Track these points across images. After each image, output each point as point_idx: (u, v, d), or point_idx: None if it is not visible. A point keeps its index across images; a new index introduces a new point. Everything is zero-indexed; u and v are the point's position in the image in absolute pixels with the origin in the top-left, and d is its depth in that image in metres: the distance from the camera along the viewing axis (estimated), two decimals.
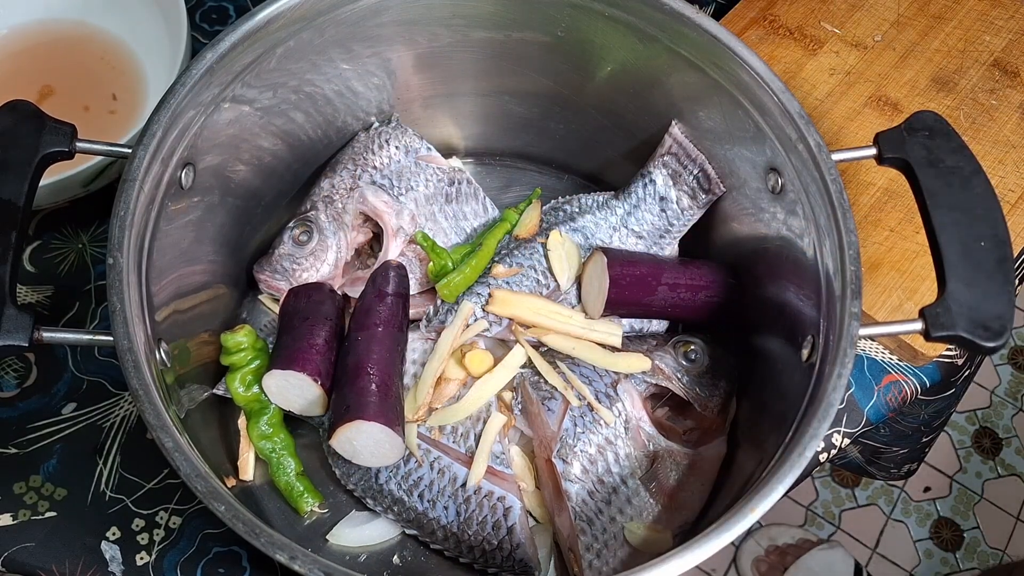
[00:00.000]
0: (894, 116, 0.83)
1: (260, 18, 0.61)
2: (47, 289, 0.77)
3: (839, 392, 0.51)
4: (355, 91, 0.73)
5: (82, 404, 0.73)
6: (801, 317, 0.59)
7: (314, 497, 0.68)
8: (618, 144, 0.77)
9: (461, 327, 0.69)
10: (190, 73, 0.59)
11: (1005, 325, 0.53)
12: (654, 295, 0.69)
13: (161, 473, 0.70)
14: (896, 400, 0.75)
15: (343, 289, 0.73)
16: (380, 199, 0.73)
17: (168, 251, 0.60)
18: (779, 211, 0.63)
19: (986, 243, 0.55)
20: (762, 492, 0.49)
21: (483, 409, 0.68)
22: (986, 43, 0.88)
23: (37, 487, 0.69)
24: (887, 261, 0.76)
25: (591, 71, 0.72)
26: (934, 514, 1.59)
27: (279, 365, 0.64)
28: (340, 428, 0.61)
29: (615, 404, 0.66)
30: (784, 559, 1.47)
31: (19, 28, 0.88)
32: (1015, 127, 0.83)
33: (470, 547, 0.65)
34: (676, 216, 0.73)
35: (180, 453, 0.50)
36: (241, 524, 0.48)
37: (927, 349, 0.73)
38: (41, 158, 0.56)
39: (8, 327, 0.51)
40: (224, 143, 0.65)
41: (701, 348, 0.69)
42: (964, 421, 1.67)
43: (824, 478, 1.61)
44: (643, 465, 0.65)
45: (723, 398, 0.68)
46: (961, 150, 0.58)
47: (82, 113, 0.83)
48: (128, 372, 0.51)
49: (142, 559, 0.67)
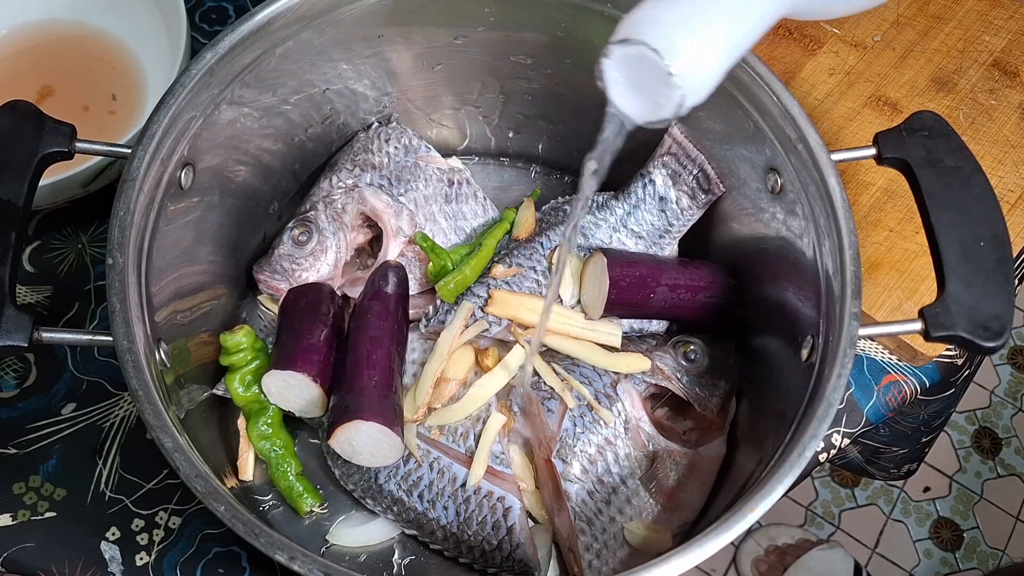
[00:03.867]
0: (893, 116, 0.83)
1: (260, 18, 0.61)
2: (47, 289, 0.77)
3: (839, 392, 0.51)
4: (355, 91, 0.73)
5: (82, 404, 0.73)
6: (801, 317, 0.59)
7: (314, 497, 0.68)
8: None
9: (461, 327, 0.69)
10: (190, 73, 0.59)
11: (1005, 325, 0.53)
12: (654, 296, 0.69)
13: (161, 473, 0.70)
14: (896, 400, 0.75)
15: (343, 289, 0.73)
16: (380, 199, 0.73)
17: (168, 251, 0.60)
18: (779, 211, 0.63)
19: (985, 243, 0.55)
20: (762, 492, 0.49)
21: (483, 409, 0.68)
22: (985, 43, 0.88)
23: (37, 487, 0.69)
24: (887, 261, 0.76)
25: (591, 71, 0.72)
26: (934, 514, 1.59)
27: (279, 365, 0.64)
28: (339, 428, 0.61)
29: (615, 404, 0.66)
30: (784, 559, 1.47)
31: (19, 28, 0.88)
32: (1014, 127, 0.83)
33: (470, 547, 0.65)
34: (676, 216, 0.73)
35: (180, 453, 0.50)
36: (241, 524, 0.48)
37: (927, 349, 0.73)
38: (41, 158, 0.56)
39: (8, 327, 0.51)
40: (224, 143, 0.65)
41: (701, 348, 0.69)
42: (964, 421, 1.67)
43: (824, 478, 1.61)
44: (643, 465, 0.65)
45: (723, 398, 0.68)
46: (960, 150, 0.58)
47: (82, 113, 0.83)
48: (128, 372, 0.51)
49: (142, 559, 0.67)
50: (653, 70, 0.42)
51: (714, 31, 0.42)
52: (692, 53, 0.41)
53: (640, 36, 0.41)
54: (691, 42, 0.41)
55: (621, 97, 0.45)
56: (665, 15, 0.42)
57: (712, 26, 0.42)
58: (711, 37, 0.42)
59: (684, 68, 0.41)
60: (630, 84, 0.45)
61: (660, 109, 0.44)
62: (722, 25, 0.43)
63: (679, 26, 0.41)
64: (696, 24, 0.42)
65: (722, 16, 0.43)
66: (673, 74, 0.41)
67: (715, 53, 0.43)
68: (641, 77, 0.43)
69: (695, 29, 0.41)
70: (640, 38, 0.41)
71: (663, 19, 0.42)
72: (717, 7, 0.43)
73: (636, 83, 0.44)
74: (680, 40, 0.41)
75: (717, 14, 0.42)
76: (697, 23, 0.42)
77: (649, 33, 0.41)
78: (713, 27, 0.42)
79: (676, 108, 0.43)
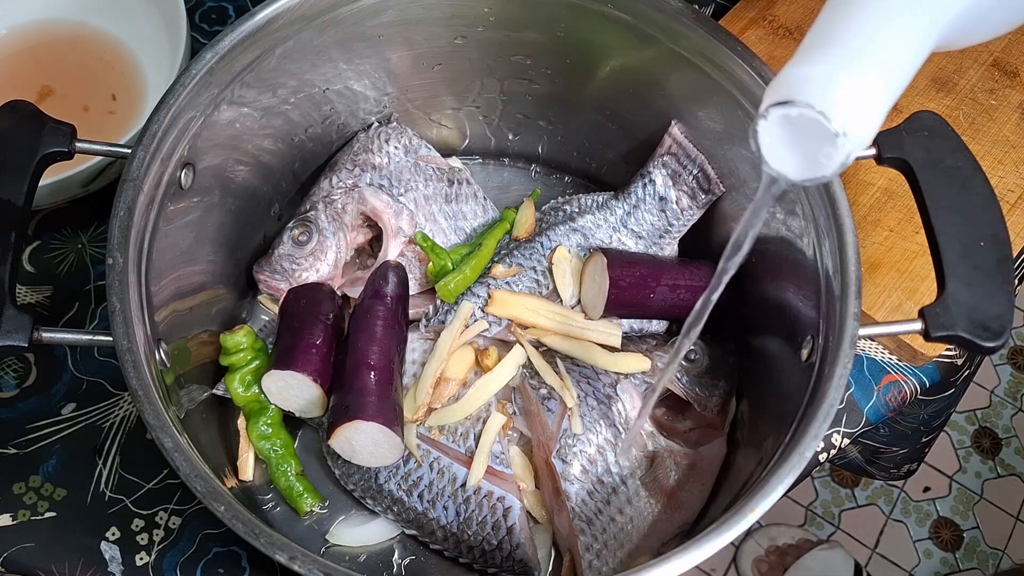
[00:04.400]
0: (894, 116, 0.83)
1: (260, 18, 0.61)
2: (47, 289, 0.77)
3: (839, 392, 0.51)
4: (355, 91, 0.73)
5: (82, 404, 0.73)
6: (801, 317, 0.59)
7: (314, 497, 0.68)
8: (618, 144, 0.77)
9: (461, 327, 0.69)
10: (190, 73, 0.59)
11: (1005, 325, 0.53)
12: (654, 296, 0.69)
13: (161, 473, 0.70)
14: (896, 400, 0.75)
15: (343, 289, 0.73)
16: (380, 199, 0.73)
17: (168, 251, 0.60)
18: (779, 211, 0.63)
19: (986, 243, 0.55)
20: (762, 492, 0.49)
21: (483, 409, 0.68)
22: (985, 43, 0.88)
23: (37, 487, 0.69)
24: (887, 261, 0.76)
25: (591, 71, 0.72)
26: (934, 514, 1.59)
27: (278, 365, 0.64)
28: (339, 428, 0.61)
29: (615, 404, 0.66)
30: (784, 559, 1.47)
31: (19, 28, 0.88)
32: (1014, 127, 0.83)
33: (470, 547, 0.65)
34: (676, 216, 0.73)
35: (180, 453, 0.50)
36: (241, 524, 0.48)
37: (927, 349, 0.73)
38: (41, 158, 0.56)
39: (8, 327, 0.51)
40: (224, 143, 0.65)
41: (701, 348, 0.69)
42: (964, 421, 1.67)
43: (824, 478, 1.61)
44: (643, 465, 0.65)
45: (722, 398, 0.68)
46: (960, 150, 0.58)
47: (81, 113, 0.83)
48: (128, 372, 0.51)
49: (142, 559, 0.67)
50: (814, 129, 0.40)
51: (873, 81, 0.40)
52: (856, 109, 0.39)
53: (802, 97, 0.39)
54: (853, 98, 0.39)
55: (777, 158, 0.43)
56: (821, 70, 0.40)
57: (871, 76, 0.40)
58: (871, 88, 0.40)
59: (849, 125, 0.39)
60: (785, 144, 0.42)
61: (821, 167, 0.41)
62: (880, 73, 0.40)
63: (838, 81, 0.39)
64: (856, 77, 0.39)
65: (878, 64, 0.40)
66: (838, 133, 0.39)
67: (877, 105, 0.40)
68: (798, 136, 0.41)
69: (855, 82, 0.39)
70: (803, 99, 0.39)
71: (821, 76, 0.40)
72: (873, 53, 0.40)
73: (792, 142, 0.42)
74: (842, 97, 0.39)
75: (875, 62, 0.40)
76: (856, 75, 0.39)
77: (810, 92, 0.39)
78: (872, 77, 0.40)
79: (841, 165, 0.41)
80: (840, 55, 0.40)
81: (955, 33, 0.44)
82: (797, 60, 0.41)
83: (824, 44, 0.41)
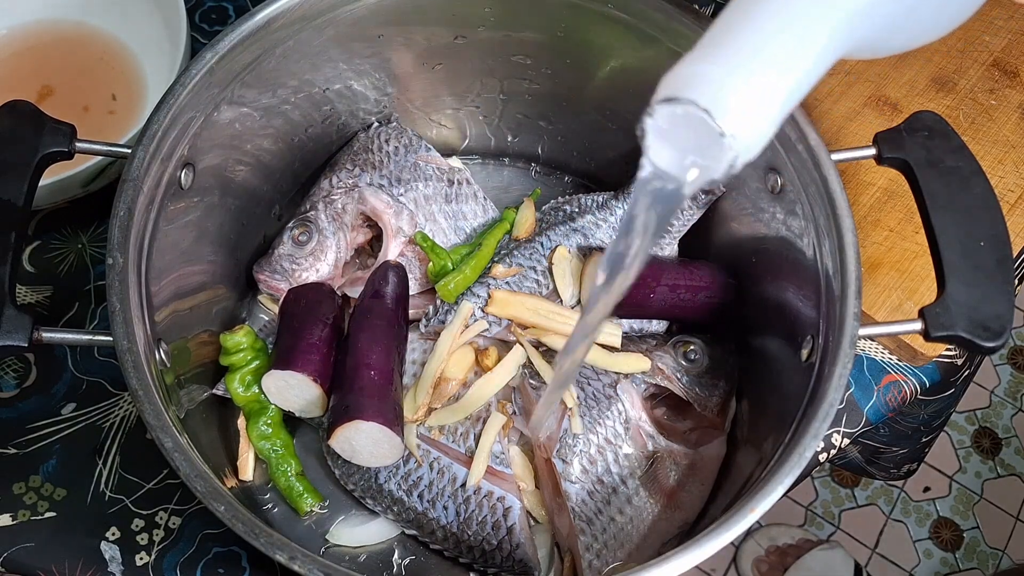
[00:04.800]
0: (894, 116, 0.83)
1: (260, 18, 0.61)
2: (47, 289, 0.77)
3: (839, 392, 0.51)
4: (355, 91, 0.73)
5: (82, 404, 0.73)
6: (801, 317, 0.59)
7: (314, 497, 0.68)
8: (618, 144, 0.77)
9: (461, 327, 0.69)
10: (190, 73, 0.59)
11: (1005, 325, 0.53)
12: (654, 296, 0.69)
13: (161, 473, 0.70)
14: (896, 400, 0.75)
15: (343, 289, 0.73)
16: (380, 199, 0.73)
17: (168, 251, 0.60)
18: (779, 211, 0.63)
19: (986, 243, 0.55)
20: (762, 492, 0.49)
21: (483, 409, 0.68)
22: (985, 43, 0.88)
23: (37, 487, 0.69)
24: (887, 261, 0.76)
25: (591, 71, 0.72)
26: (934, 514, 1.59)
27: (278, 365, 0.64)
28: (339, 428, 0.61)
29: (615, 404, 0.66)
30: (784, 559, 1.47)
31: (19, 28, 0.88)
32: (1014, 127, 0.83)
33: (470, 547, 0.65)
34: (676, 216, 0.73)
35: (180, 453, 0.50)
36: (241, 524, 0.48)
37: (927, 349, 0.73)
38: (41, 158, 0.56)
39: (7, 327, 0.51)
40: (224, 143, 0.65)
41: (701, 348, 0.69)
42: (964, 421, 1.67)
43: (824, 478, 1.61)
44: (643, 465, 0.65)
45: (722, 398, 0.68)
46: (961, 150, 0.58)
47: (81, 113, 0.83)
48: (128, 372, 0.51)
49: (142, 559, 0.67)
50: (701, 130, 0.38)
51: (766, 83, 0.38)
52: (745, 111, 0.37)
53: (688, 94, 0.37)
54: (743, 99, 0.37)
55: (663, 158, 0.40)
56: (712, 69, 0.38)
57: (764, 78, 0.38)
58: (764, 90, 0.38)
59: (737, 127, 0.37)
60: (673, 144, 0.40)
61: (708, 170, 0.39)
62: (775, 76, 0.38)
63: (728, 81, 0.37)
64: (747, 77, 0.37)
65: (774, 66, 0.38)
66: (724, 133, 0.37)
67: (769, 108, 0.38)
68: (686, 137, 0.39)
69: (746, 83, 0.37)
70: (689, 96, 0.37)
71: (710, 74, 0.38)
72: (769, 55, 0.38)
73: (680, 143, 0.39)
74: (731, 97, 0.37)
75: (770, 64, 0.38)
76: (748, 76, 0.37)
77: (697, 90, 0.37)
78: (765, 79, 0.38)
79: (728, 168, 0.39)
80: (734, 55, 0.38)
81: (866, 42, 0.42)
82: (691, 57, 0.39)
83: (720, 43, 0.39)
